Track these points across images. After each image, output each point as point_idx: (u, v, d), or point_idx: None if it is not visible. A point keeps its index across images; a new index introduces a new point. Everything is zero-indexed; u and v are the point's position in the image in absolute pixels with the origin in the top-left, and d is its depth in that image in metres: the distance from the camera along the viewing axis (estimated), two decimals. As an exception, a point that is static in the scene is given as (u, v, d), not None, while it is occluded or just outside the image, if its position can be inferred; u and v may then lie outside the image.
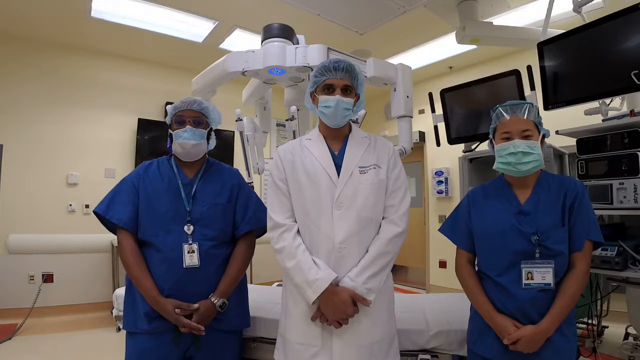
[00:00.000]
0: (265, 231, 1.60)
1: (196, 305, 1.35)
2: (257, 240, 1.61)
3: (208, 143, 1.55)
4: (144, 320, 1.36)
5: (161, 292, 1.35)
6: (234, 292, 1.47)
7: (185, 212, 1.42)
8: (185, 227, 1.40)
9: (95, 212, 1.45)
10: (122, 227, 1.41)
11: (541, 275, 1.16)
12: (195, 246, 1.39)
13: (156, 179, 1.47)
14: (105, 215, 1.43)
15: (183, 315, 1.32)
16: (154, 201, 1.43)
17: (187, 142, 1.44)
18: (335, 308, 1.17)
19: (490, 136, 1.35)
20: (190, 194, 1.46)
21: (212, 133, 1.57)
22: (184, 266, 1.36)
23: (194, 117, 1.48)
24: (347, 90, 1.29)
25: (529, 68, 2.13)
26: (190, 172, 1.51)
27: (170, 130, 1.50)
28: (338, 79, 1.28)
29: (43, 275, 3.66)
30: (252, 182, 2.13)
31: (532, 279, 1.17)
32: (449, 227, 1.41)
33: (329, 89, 1.29)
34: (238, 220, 1.52)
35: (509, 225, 1.23)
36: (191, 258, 1.37)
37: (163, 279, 1.36)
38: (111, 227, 1.47)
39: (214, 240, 1.44)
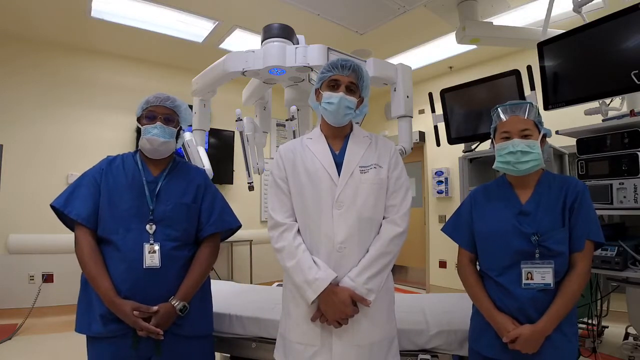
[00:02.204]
0: (230, 234, 1.59)
1: (155, 308, 1.28)
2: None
3: (177, 142, 1.50)
4: (99, 322, 1.29)
5: (119, 293, 1.28)
6: (196, 296, 1.41)
7: (148, 211, 1.36)
8: (147, 226, 1.34)
9: (52, 206, 1.37)
10: (80, 223, 1.34)
11: (541, 275, 1.16)
12: (156, 246, 1.32)
13: (119, 175, 1.41)
14: (63, 210, 1.36)
15: (141, 318, 1.26)
16: (116, 197, 1.37)
17: (156, 139, 1.39)
18: (335, 308, 1.17)
19: (491, 136, 1.35)
20: (154, 192, 1.40)
21: (181, 132, 1.53)
22: (144, 267, 1.30)
23: (166, 114, 1.44)
24: (351, 89, 1.29)
25: (529, 68, 2.13)
26: (155, 169, 1.46)
27: (138, 125, 1.45)
28: (344, 76, 1.28)
29: (43, 275, 3.66)
30: (252, 182, 2.13)
31: (531, 279, 1.17)
32: (451, 227, 1.41)
33: (333, 86, 1.29)
34: (203, 222, 1.46)
35: (509, 226, 1.23)
36: (152, 258, 1.31)
37: (121, 280, 1.29)
38: (69, 223, 1.40)
39: (177, 241, 1.38)
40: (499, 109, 1.31)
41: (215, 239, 1.49)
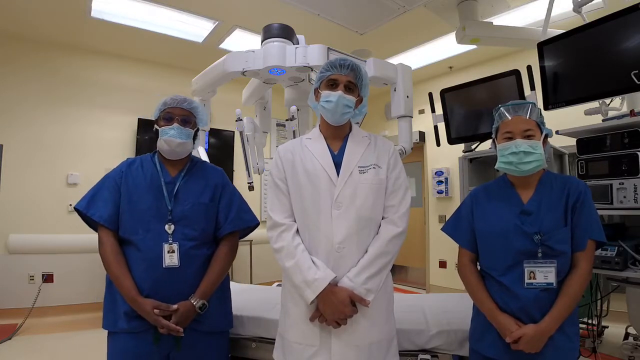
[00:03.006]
0: (248, 232, 1.60)
1: (175, 306, 1.32)
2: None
3: (194, 143, 1.53)
4: (123, 319, 1.34)
5: (140, 292, 1.32)
6: (215, 293, 1.44)
7: (167, 211, 1.40)
8: (166, 226, 1.38)
9: (76, 209, 1.42)
10: (103, 225, 1.39)
11: (543, 274, 1.16)
12: (175, 246, 1.36)
13: (138, 176, 1.45)
14: (86, 212, 1.40)
15: (162, 316, 1.30)
16: (135, 199, 1.41)
17: (173, 140, 1.42)
18: (334, 308, 1.17)
19: (493, 136, 1.35)
20: (173, 192, 1.43)
21: (198, 133, 1.56)
22: (164, 266, 1.34)
23: (183, 115, 1.46)
24: (350, 88, 1.29)
25: (529, 68, 2.13)
26: (173, 170, 1.49)
27: (156, 126, 1.48)
28: (342, 75, 1.29)
29: (43, 275, 3.66)
30: (252, 182, 2.13)
31: (534, 278, 1.17)
32: (452, 226, 1.41)
33: (332, 85, 1.29)
34: (221, 221, 1.49)
35: (512, 225, 1.23)
36: (171, 258, 1.35)
37: (142, 279, 1.34)
38: (92, 225, 1.45)
39: (195, 240, 1.41)
40: (501, 108, 1.31)
41: (233, 237, 1.53)
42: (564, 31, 1.90)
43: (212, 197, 1.49)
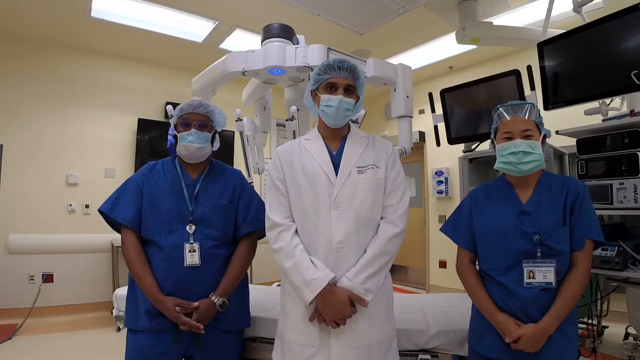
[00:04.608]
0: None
1: (196, 304, 1.36)
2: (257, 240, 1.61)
3: (212, 145, 1.56)
4: (145, 317, 1.39)
5: (162, 291, 1.36)
6: (235, 292, 1.48)
7: (188, 212, 1.44)
8: (187, 227, 1.42)
9: (100, 211, 1.48)
10: (126, 226, 1.44)
11: (543, 274, 1.17)
12: (196, 245, 1.41)
13: (160, 179, 1.50)
14: (110, 214, 1.45)
15: (183, 313, 1.34)
16: (158, 201, 1.46)
17: (191, 145, 1.46)
18: (333, 308, 1.17)
19: (492, 136, 1.35)
20: (193, 194, 1.48)
21: (217, 135, 1.59)
22: (185, 265, 1.38)
23: (200, 120, 1.50)
24: (349, 91, 1.30)
25: (529, 68, 2.13)
26: (193, 172, 1.54)
27: (175, 132, 1.52)
28: (341, 78, 1.29)
29: (43, 275, 3.66)
30: (252, 182, 2.13)
31: (533, 278, 1.17)
32: (451, 226, 1.41)
33: (331, 88, 1.29)
34: (240, 221, 1.53)
35: (511, 225, 1.23)
36: (192, 257, 1.39)
37: (164, 278, 1.38)
38: (116, 226, 1.50)
39: (216, 240, 1.46)
40: (500, 109, 1.31)
41: (252, 237, 1.56)
42: (564, 31, 1.90)
43: (231, 199, 1.53)
